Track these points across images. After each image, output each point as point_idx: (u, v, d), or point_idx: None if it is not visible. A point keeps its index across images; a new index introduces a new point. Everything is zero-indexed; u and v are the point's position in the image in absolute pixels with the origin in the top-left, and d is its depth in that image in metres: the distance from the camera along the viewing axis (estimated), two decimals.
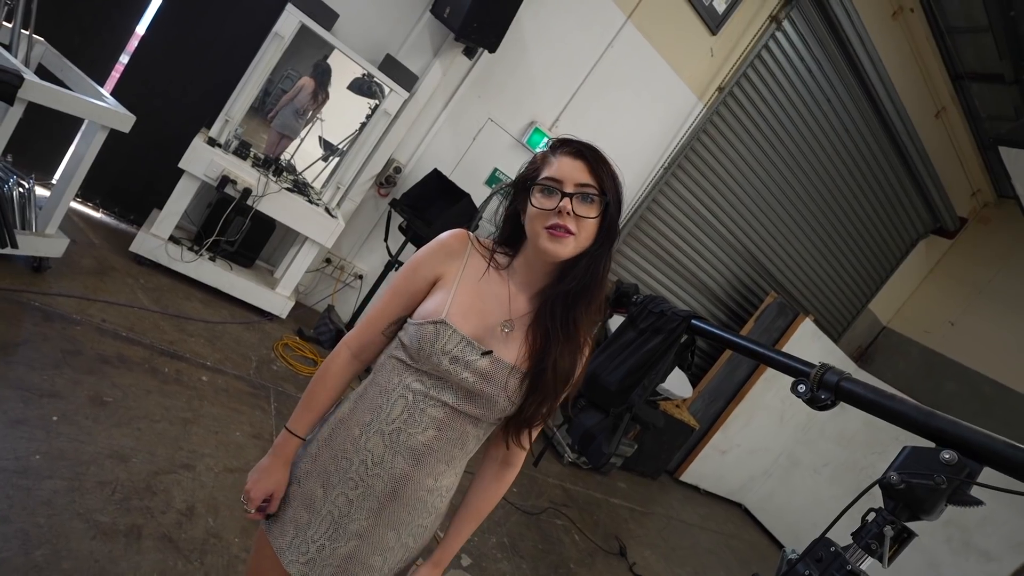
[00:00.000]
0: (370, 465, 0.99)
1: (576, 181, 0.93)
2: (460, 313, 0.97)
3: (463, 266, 1.01)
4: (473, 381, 0.95)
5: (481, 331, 0.97)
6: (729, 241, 5.44)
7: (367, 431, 0.99)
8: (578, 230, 0.93)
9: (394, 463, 0.98)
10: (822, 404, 1.36)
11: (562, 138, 0.99)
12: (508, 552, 2.84)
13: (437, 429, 0.98)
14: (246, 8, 3.15)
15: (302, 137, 3.50)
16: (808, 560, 1.27)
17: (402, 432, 0.97)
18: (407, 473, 0.99)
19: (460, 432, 0.99)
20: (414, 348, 0.96)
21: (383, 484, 0.99)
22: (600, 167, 0.95)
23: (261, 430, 2.44)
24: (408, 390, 0.98)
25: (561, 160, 0.95)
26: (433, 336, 0.94)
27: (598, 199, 0.94)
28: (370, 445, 0.99)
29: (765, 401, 5.82)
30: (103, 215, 3.28)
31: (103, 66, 3.02)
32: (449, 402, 0.97)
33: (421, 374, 0.97)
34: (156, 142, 3.13)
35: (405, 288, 1.03)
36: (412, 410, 0.97)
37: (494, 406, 0.97)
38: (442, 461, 1.01)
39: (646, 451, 4.95)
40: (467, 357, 0.95)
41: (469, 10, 3.15)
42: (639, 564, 3.59)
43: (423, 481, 1.00)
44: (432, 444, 0.98)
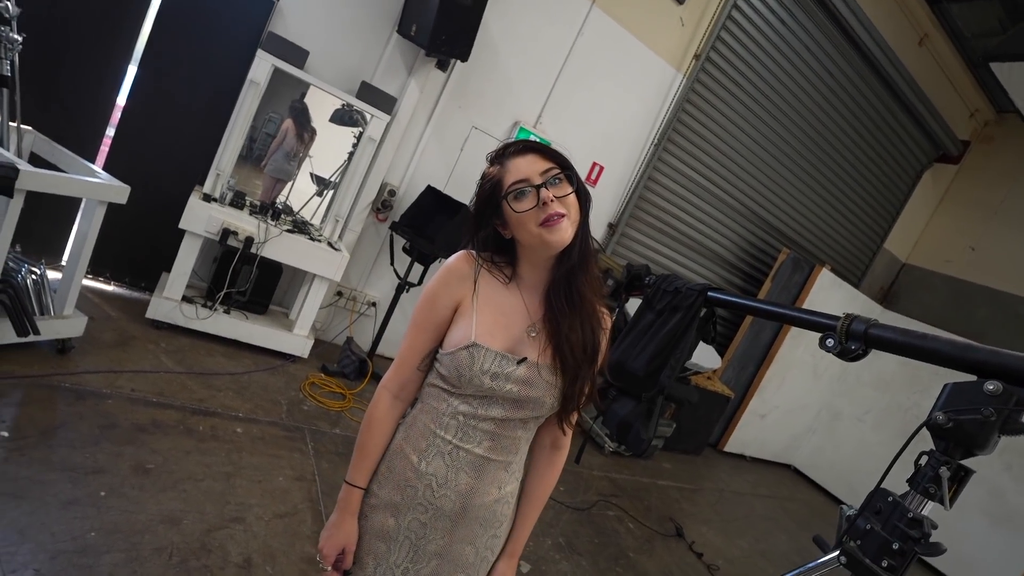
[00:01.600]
0: (435, 487, 1.02)
1: (538, 171, 0.98)
2: (487, 331, 1.00)
3: (475, 286, 1.03)
4: (518, 390, 0.99)
5: (511, 342, 1.01)
6: (732, 205, 5.39)
7: (426, 456, 1.03)
8: (568, 209, 0.98)
9: (458, 480, 1.02)
10: (853, 355, 1.34)
11: (500, 147, 1.04)
12: (565, 552, 2.83)
13: (492, 440, 1.02)
14: (219, 61, 3.19)
15: (294, 176, 3.53)
16: (867, 514, 1.26)
17: (460, 449, 1.01)
18: (472, 487, 1.02)
19: (512, 439, 1.04)
20: (454, 376, 1.00)
21: (451, 503, 1.02)
22: (546, 150, 1.00)
23: (303, 472, 2.46)
24: (457, 412, 1.01)
25: (515, 162, 1.00)
26: (469, 360, 0.98)
27: (564, 175, 0.99)
28: (432, 469, 1.02)
29: (796, 358, 5.76)
30: (115, 287, 3.33)
31: (91, 142, 3.07)
32: (498, 416, 1.01)
33: (466, 397, 1.01)
34: (154, 207, 3.17)
35: (428, 321, 1.04)
36: (465, 428, 1.01)
37: (542, 406, 1.01)
38: (501, 469, 1.05)
39: (685, 428, 4.92)
40: (506, 370, 0.98)
41: (435, 24, 3.16)
42: (698, 542, 3.56)
43: (488, 491, 1.04)
44: (489, 455, 1.02)
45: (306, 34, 3.30)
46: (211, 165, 3.17)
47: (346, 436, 2.89)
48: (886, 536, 1.20)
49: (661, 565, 3.14)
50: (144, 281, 3.38)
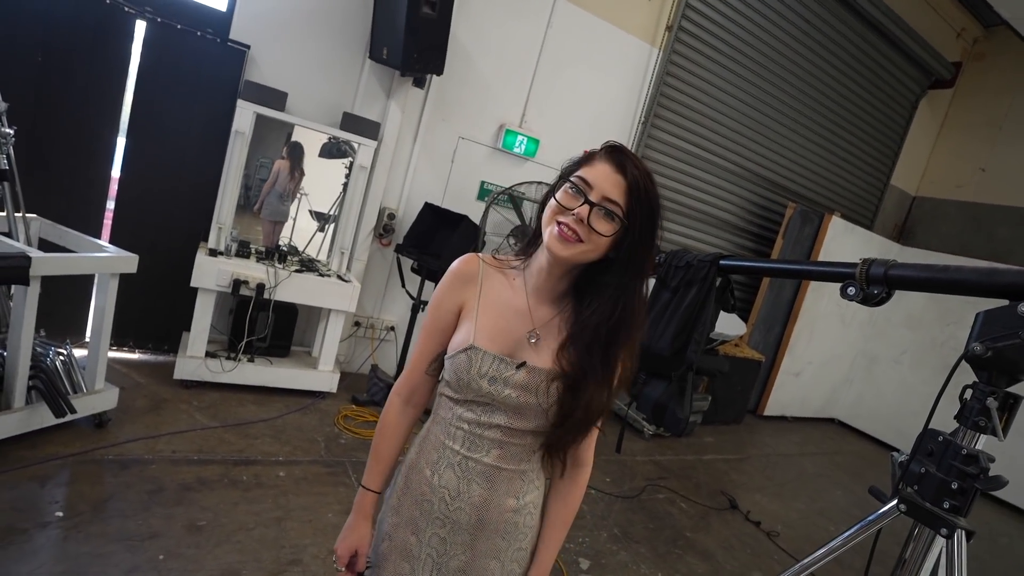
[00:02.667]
0: (449, 500, 1.01)
1: (605, 194, 0.90)
2: (487, 335, 0.98)
3: (480, 289, 1.02)
4: (516, 396, 0.96)
5: (510, 346, 0.98)
6: (731, 170, 5.34)
7: (437, 469, 1.02)
8: (588, 240, 0.90)
9: (470, 491, 1.00)
10: (877, 299, 1.32)
11: (616, 145, 0.96)
12: (622, 541, 2.82)
13: (500, 448, 0.99)
14: (202, 117, 3.23)
15: (293, 216, 3.57)
16: (919, 457, 1.23)
17: (468, 460, 1.00)
18: (486, 498, 1.00)
19: (521, 446, 1.00)
20: (454, 380, 0.99)
21: (467, 515, 1.01)
22: (636, 191, 0.91)
23: (350, 504, 2.47)
24: (462, 420, 1.00)
25: (601, 166, 0.92)
26: (467, 363, 0.96)
27: (618, 220, 0.91)
28: (444, 481, 1.01)
29: (821, 310, 5.69)
30: (140, 354, 3.39)
31: (94, 218, 3.13)
32: (502, 423, 0.98)
33: (469, 404, 0.99)
34: (164, 270, 3.22)
35: (434, 326, 1.05)
36: (471, 438, 0.99)
37: (541, 415, 0.97)
38: (516, 477, 1.02)
39: (721, 399, 4.87)
40: (504, 374, 0.96)
41: (404, 44, 3.17)
42: (753, 511, 3.52)
43: (504, 502, 1.01)
44: (499, 463, 1.00)
45: (281, 76, 3.34)
46: (212, 220, 3.21)
47: None
48: (943, 477, 1.17)
49: (720, 540, 3.11)
50: (166, 344, 3.43)
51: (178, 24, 3.04)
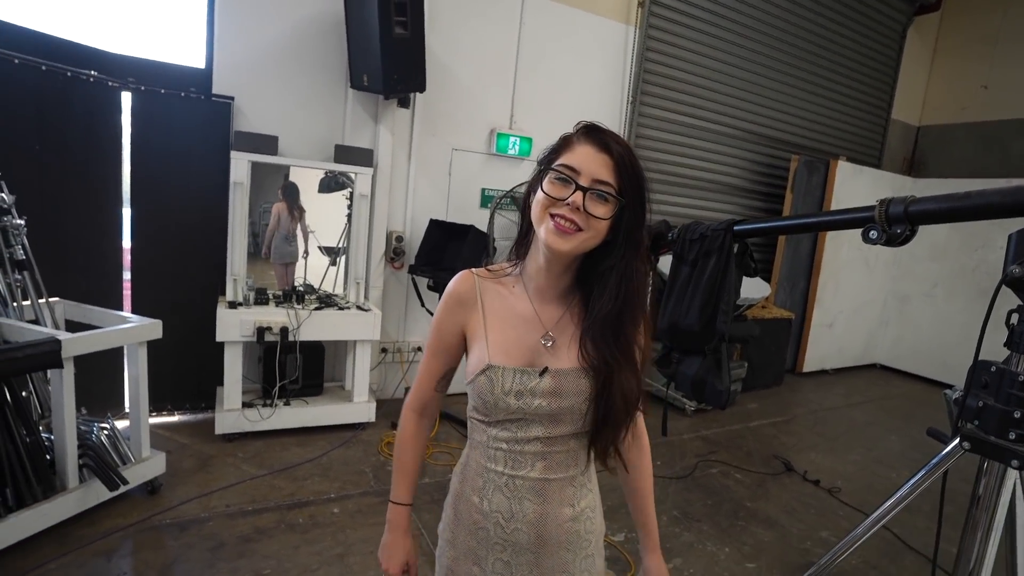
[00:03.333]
0: (504, 523, 0.98)
1: (594, 176, 0.87)
2: (501, 350, 0.95)
3: (481, 306, 0.99)
4: (548, 404, 0.93)
5: (528, 355, 0.95)
6: (727, 133, 5.27)
7: (485, 494, 0.99)
8: (587, 227, 0.87)
9: (524, 509, 0.97)
10: (901, 238, 1.28)
11: (591, 125, 0.92)
12: (683, 522, 2.79)
13: (543, 459, 0.96)
14: (200, 175, 3.27)
15: (304, 256, 3.60)
16: (974, 391, 1.20)
17: (515, 478, 0.97)
18: (541, 513, 0.97)
19: (564, 452, 0.97)
20: (481, 404, 0.97)
21: (525, 535, 0.98)
22: (624, 167, 0.88)
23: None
24: (499, 441, 0.97)
25: (584, 149, 0.88)
26: (489, 385, 0.94)
27: (613, 200, 0.88)
28: (495, 505, 0.98)
29: (842, 258, 5.59)
30: (179, 416, 3.44)
31: (113, 291, 3.19)
32: (539, 434, 0.95)
33: (501, 423, 0.97)
34: (189, 330, 3.27)
35: (438, 347, 1.04)
36: (511, 457, 0.97)
37: (578, 416, 0.95)
38: (567, 485, 0.99)
39: (758, 363, 4.81)
40: (529, 385, 0.93)
41: (383, 67, 3.19)
42: (810, 470, 3.46)
43: (560, 513, 0.98)
44: (546, 475, 0.97)
45: (269, 120, 3.37)
46: (226, 273, 3.26)
47: (437, 482, 2.91)
48: (1003, 408, 1.14)
49: (781, 504, 3.06)
50: (203, 401, 3.48)
51: (161, 89, 3.10)
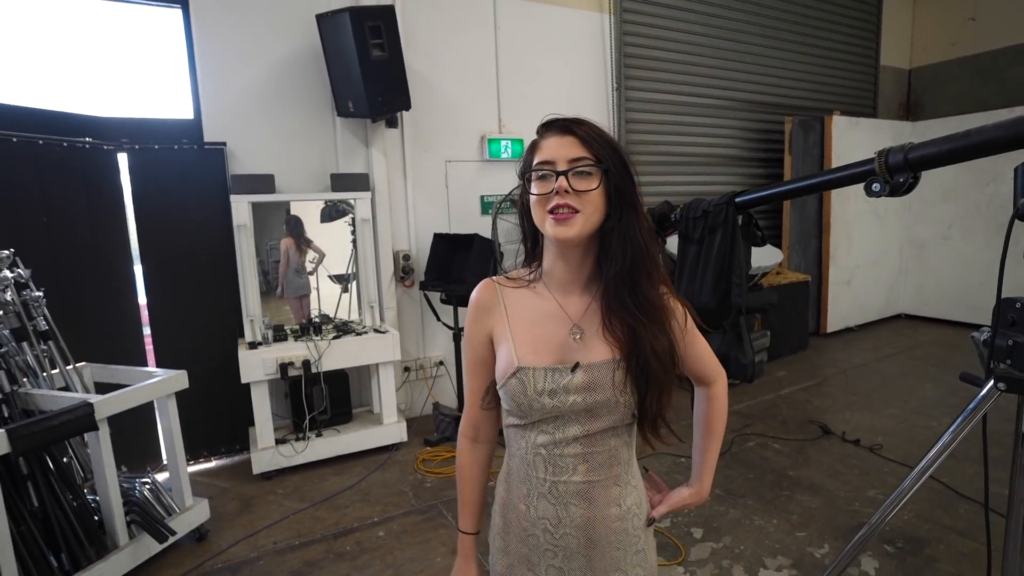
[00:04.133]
0: (552, 529, 0.98)
1: (568, 157, 0.89)
2: (529, 350, 0.95)
3: (504, 311, 1.00)
4: (583, 400, 0.93)
5: (557, 352, 0.95)
6: (716, 105, 5.24)
7: (530, 501, 0.99)
8: (582, 206, 0.89)
9: (570, 514, 0.97)
10: (905, 187, 1.27)
11: (548, 120, 0.95)
12: (727, 500, 2.77)
13: (584, 461, 0.96)
14: (203, 223, 3.31)
15: (315, 287, 3.64)
16: (1002, 330, 1.18)
17: (558, 483, 0.96)
18: (588, 516, 0.97)
19: (605, 450, 0.97)
20: (515, 407, 0.96)
21: (575, 539, 0.97)
22: (591, 138, 0.91)
23: (453, 541, 2.48)
24: (538, 446, 0.97)
25: (549, 141, 0.92)
26: (520, 387, 0.93)
27: (595, 170, 0.90)
28: (541, 512, 0.98)
29: (850, 213, 5.52)
30: (216, 461, 3.48)
31: (136, 348, 3.25)
32: (578, 433, 0.95)
33: (538, 425, 0.96)
34: (214, 375, 3.32)
35: (474, 361, 1.04)
36: (551, 461, 0.96)
37: (616, 408, 0.94)
38: (611, 485, 0.98)
39: (780, 330, 4.76)
40: (561, 382, 0.93)
41: (367, 92, 3.22)
42: (848, 430, 3.42)
43: (607, 514, 0.98)
44: (589, 477, 0.96)
45: (263, 159, 3.42)
46: (242, 315, 3.30)
47: None
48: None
49: (824, 469, 3.03)
50: (237, 443, 3.52)
51: (155, 145, 3.15)
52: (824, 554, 2.35)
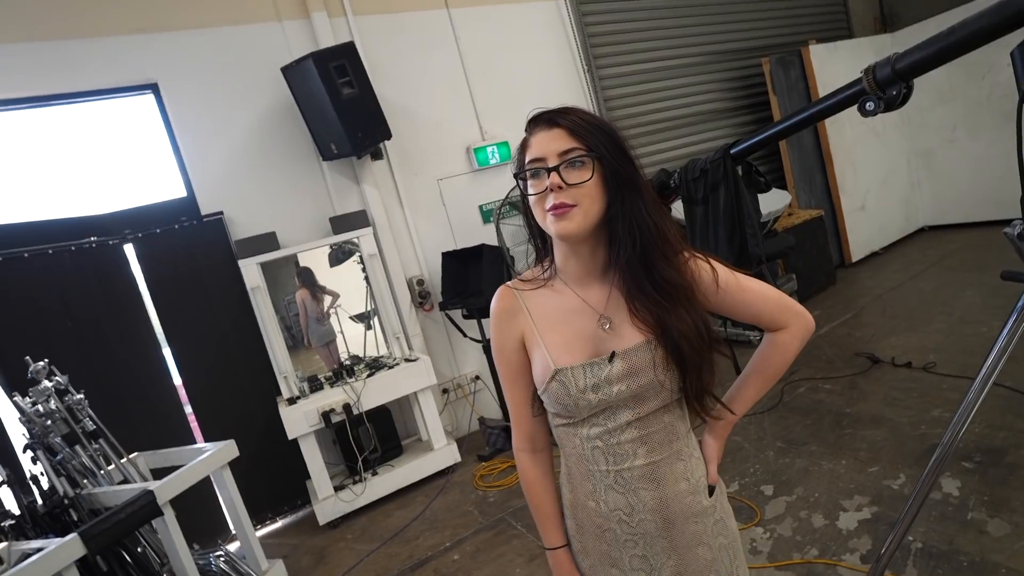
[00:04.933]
0: (627, 519, 0.96)
1: (557, 151, 0.87)
2: (563, 350, 0.94)
3: (528, 314, 0.99)
4: (627, 387, 0.91)
5: (591, 346, 0.94)
6: (690, 63, 5.19)
7: (598, 497, 0.98)
8: (579, 199, 0.87)
9: (641, 500, 0.95)
10: (900, 99, 1.24)
11: (534, 115, 0.93)
12: (790, 450, 2.72)
13: (643, 444, 0.95)
14: (220, 292, 3.37)
15: (340, 331, 3.67)
16: None
17: (622, 473, 0.95)
18: (660, 497, 0.95)
19: (661, 429, 0.95)
20: (561, 409, 0.95)
21: (652, 523, 0.96)
22: (579, 127, 0.88)
23: (529, 550, 2.49)
24: (592, 439, 0.95)
25: (537, 136, 0.90)
26: (562, 389, 0.92)
27: (587, 159, 0.87)
28: (611, 504, 0.97)
29: (849, 138, 5.41)
30: (281, 520, 3.52)
31: (182, 427, 3.30)
32: (630, 418, 0.93)
33: (588, 420, 0.95)
34: (261, 437, 3.36)
35: (510, 371, 1.02)
36: (610, 451, 0.95)
37: (662, 388, 0.92)
38: (674, 461, 0.97)
39: (804, 271, 4.69)
40: (602, 375, 0.91)
41: (346, 131, 3.25)
42: (897, 355, 3.35)
43: (678, 490, 0.96)
44: (651, 458, 0.95)
45: (260, 219, 3.46)
46: (275, 373, 3.34)
47: None
48: None
49: (881, 398, 2.97)
50: (297, 498, 3.56)
51: (157, 229, 3.21)
52: (901, 484, 2.30)
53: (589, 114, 0.91)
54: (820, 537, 2.14)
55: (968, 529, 1.98)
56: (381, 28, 3.85)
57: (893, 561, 1.89)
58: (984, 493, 2.12)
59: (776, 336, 1.02)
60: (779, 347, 1.02)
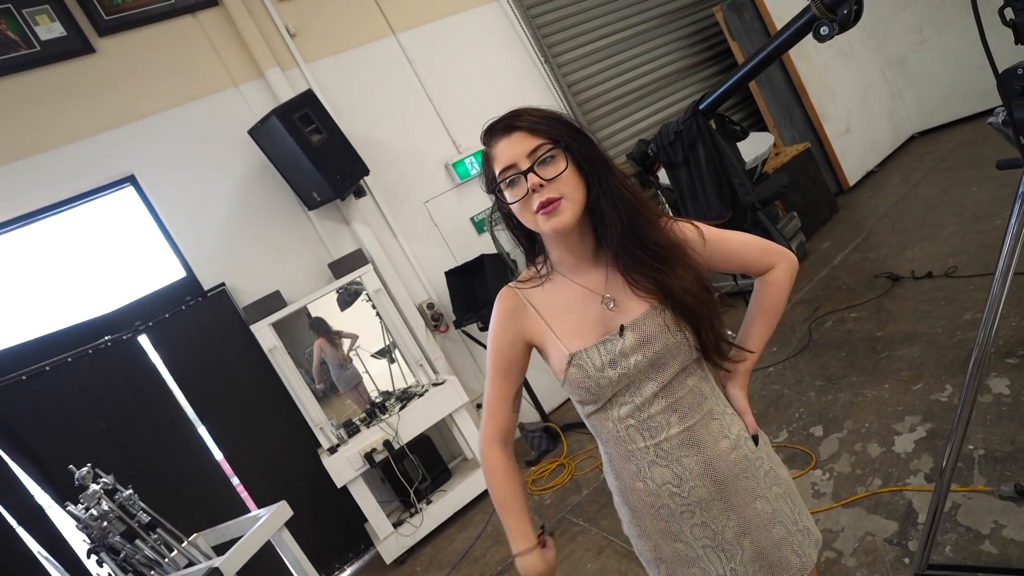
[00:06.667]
0: (676, 490, 0.96)
1: (525, 153, 0.89)
2: (573, 335, 0.96)
3: (535, 311, 1.00)
4: (643, 356, 0.92)
5: (599, 327, 0.95)
6: (642, 31, 5.17)
7: (643, 475, 0.98)
8: (562, 190, 0.89)
9: (686, 467, 0.95)
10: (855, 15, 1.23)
11: (487, 126, 0.95)
12: (832, 387, 2.69)
13: (674, 411, 0.95)
14: (240, 361, 3.39)
15: (365, 371, 3.69)
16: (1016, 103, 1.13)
17: (660, 446, 0.95)
18: (705, 461, 0.96)
19: (687, 393, 0.96)
20: (585, 393, 0.95)
21: (704, 488, 0.96)
22: (536, 124, 0.90)
23: (596, 543, 2.48)
24: (625, 419, 0.96)
25: (500, 146, 0.92)
26: (581, 372, 0.93)
27: (557, 151, 0.89)
28: (658, 479, 0.97)
29: (816, 65, 5.36)
30: (349, 568, 3.54)
31: (233, 499, 3.34)
32: (655, 389, 0.94)
33: (615, 400, 0.96)
34: (311, 492, 3.38)
35: (503, 366, 1.03)
36: (644, 427, 0.95)
37: (679, 350, 0.93)
38: (709, 421, 0.97)
39: (804, 207, 4.64)
40: (617, 349, 0.93)
41: (324, 176, 3.27)
42: (916, 268, 3.30)
43: (719, 448, 0.97)
44: (686, 423, 0.95)
45: (262, 281, 3.48)
46: (311, 426, 3.37)
47: (595, 487, 2.90)
48: None
49: (911, 314, 2.92)
50: (360, 543, 3.57)
51: (166, 314, 3.25)
52: (949, 395, 2.26)
53: (540, 109, 0.93)
54: (880, 466, 2.11)
55: None
56: (335, 69, 3.88)
57: (959, 473, 1.87)
58: None
59: (766, 277, 1.04)
60: (772, 286, 1.04)
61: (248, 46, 3.58)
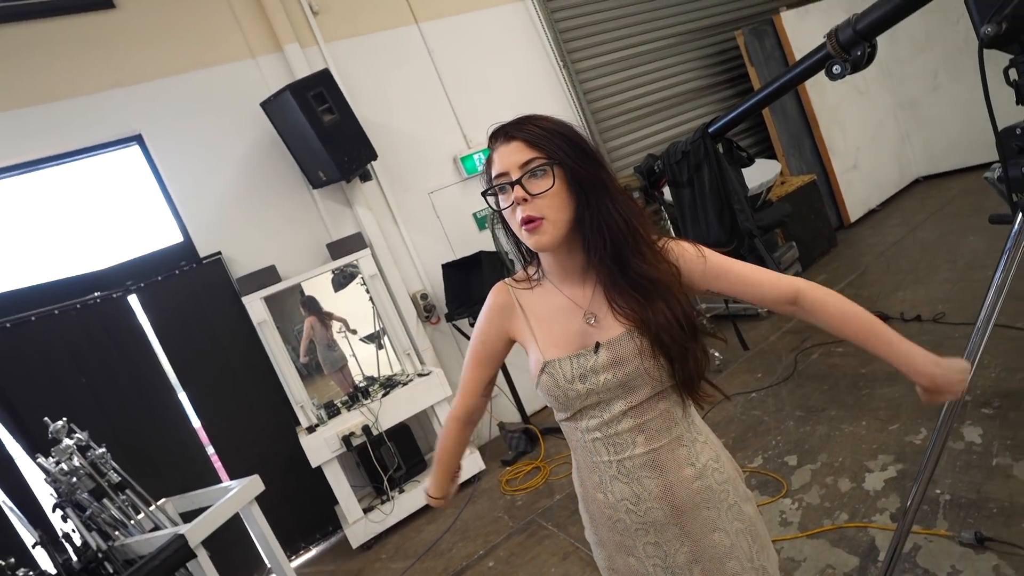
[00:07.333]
0: (633, 508, 0.98)
1: (518, 163, 0.89)
2: (551, 344, 0.97)
3: (522, 312, 1.02)
4: (613, 376, 0.93)
5: (577, 340, 0.96)
6: (664, 44, 5.20)
7: (604, 488, 1.00)
8: (544, 210, 0.88)
9: (646, 488, 0.97)
10: (866, 59, 1.25)
11: (493, 130, 0.95)
12: (811, 418, 2.72)
13: (640, 432, 0.96)
14: (227, 331, 3.39)
15: (352, 354, 3.69)
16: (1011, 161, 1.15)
17: (623, 463, 0.97)
18: (664, 484, 0.96)
19: (657, 416, 0.96)
20: (553, 401, 0.98)
21: (661, 511, 0.97)
22: (536, 136, 0.89)
23: (562, 549, 2.50)
24: (591, 431, 0.98)
25: (499, 151, 0.92)
26: (551, 380, 0.95)
27: (548, 167, 0.88)
28: (617, 494, 0.99)
29: (831, 99, 5.40)
30: (314, 548, 3.54)
31: (206, 469, 3.34)
32: (624, 408, 0.95)
33: (585, 412, 0.97)
34: (284, 469, 3.38)
35: (484, 354, 1.07)
36: (610, 442, 0.97)
37: (650, 375, 0.93)
38: (676, 447, 0.97)
39: (804, 237, 4.68)
40: (588, 365, 0.94)
41: (332, 157, 3.27)
42: (906, 310, 3.33)
43: (682, 475, 0.97)
44: (651, 446, 0.96)
45: (258, 254, 3.48)
46: (291, 404, 3.37)
47: (567, 493, 2.92)
48: None
49: None
50: (328, 524, 3.57)
51: (158, 277, 3.24)
52: (923, 438, 2.29)
53: (548, 121, 0.92)
54: (848, 501, 2.14)
55: (994, 476, 1.97)
56: (354, 51, 3.88)
57: (923, 515, 1.90)
58: (1007, 437, 2.11)
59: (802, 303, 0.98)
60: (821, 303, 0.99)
61: (269, 18, 3.57)
